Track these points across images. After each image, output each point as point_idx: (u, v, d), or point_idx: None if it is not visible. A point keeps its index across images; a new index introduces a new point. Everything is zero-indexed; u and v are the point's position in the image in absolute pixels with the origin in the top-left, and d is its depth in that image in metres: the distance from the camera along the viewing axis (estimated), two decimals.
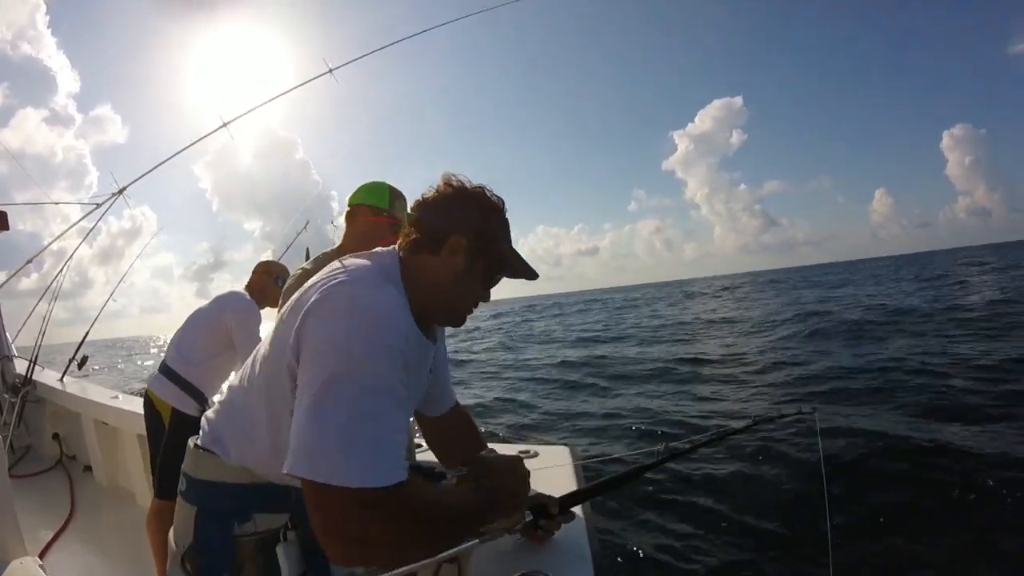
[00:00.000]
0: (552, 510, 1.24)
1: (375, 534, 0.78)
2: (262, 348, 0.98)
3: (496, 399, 8.99)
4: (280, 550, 0.95)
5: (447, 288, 0.99)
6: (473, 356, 15.91)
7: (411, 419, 1.31)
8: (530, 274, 1.06)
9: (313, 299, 0.87)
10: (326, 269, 0.97)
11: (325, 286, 0.89)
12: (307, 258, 1.98)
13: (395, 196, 1.82)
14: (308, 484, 0.77)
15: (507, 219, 1.05)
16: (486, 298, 1.06)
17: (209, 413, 1.06)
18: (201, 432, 1.04)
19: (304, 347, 0.85)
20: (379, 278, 0.93)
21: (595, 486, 1.40)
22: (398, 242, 1.04)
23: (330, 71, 3.37)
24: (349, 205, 1.83)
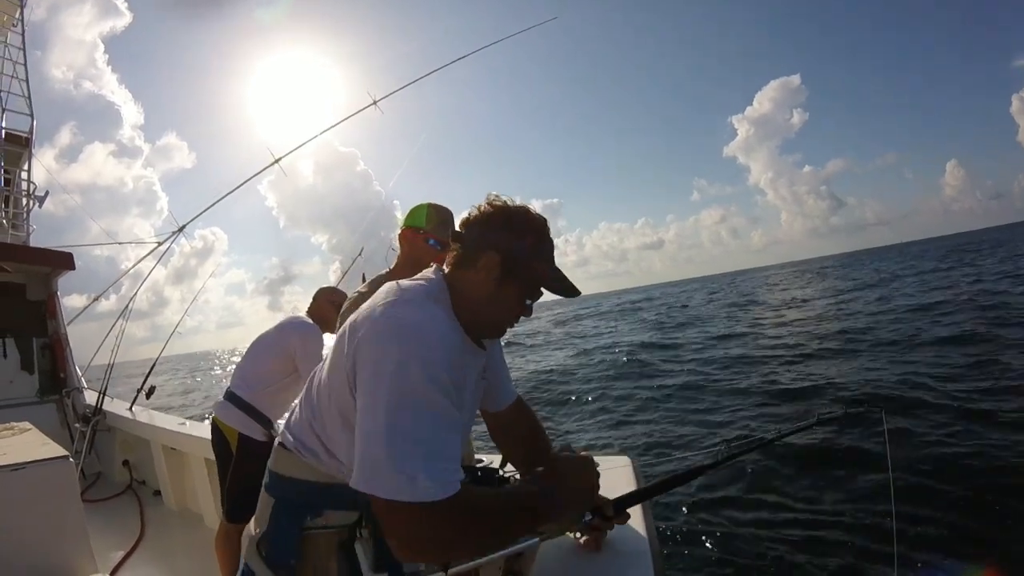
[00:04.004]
0: (607, 512, 1.28)
1: (434, 540, 0.89)
2: (327, 363, 1.06)
3: None
4: (358, 547, 1.03)
5: (483, 302, 1.06)
6: None
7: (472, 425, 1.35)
8: (570, 292, 1.10)
9: (365, 323, 0.96)
10: (379, 292, 1.05)
11: (376, 310, 0.97)
12: (363, 282, 2.05)
13: (437, 215, 1.86)
14: (374, 499, 0.88)
15: (548, 238, 1.10)
16: (527, 313, 1.11)
17: (291, 417, 1.14)
18: (284, 433, 1.13)
19: (359, 370, 0.93)
20: (425, 299, 1.01)
21: (650, 487, 1.41)
22: (446, 260, 1.11)
23: (374, 103, 3.53)
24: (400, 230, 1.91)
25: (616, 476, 1.74)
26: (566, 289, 1.11)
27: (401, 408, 0.87)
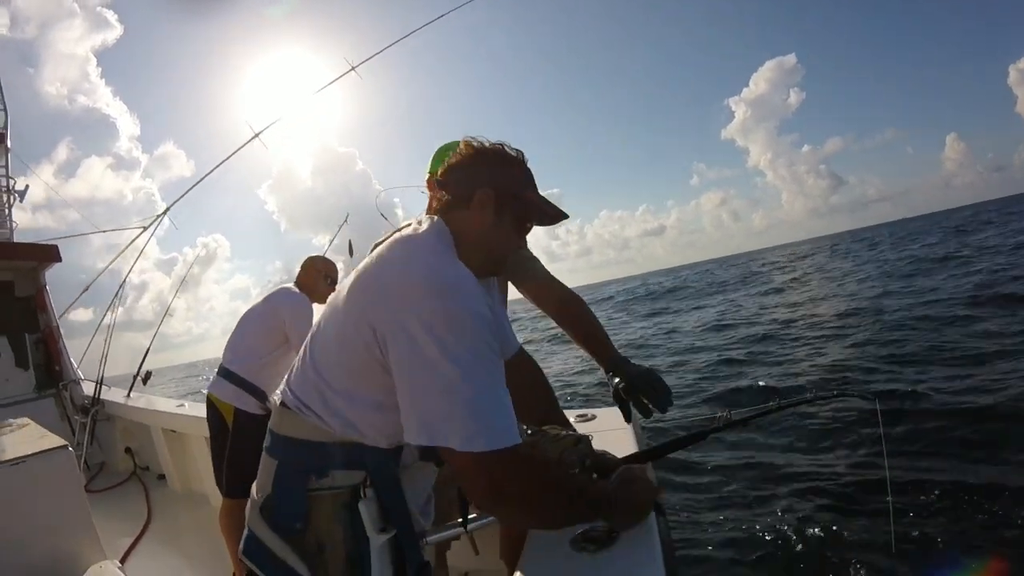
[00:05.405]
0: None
1: (510, 487, 0.89)
2: (334, 321, 1.02)
3: None
4: (362, 507, 0.99)
5: (483, 239, 1.07)
6: None
7: None
8: (560, 215, 1.13)
9: (387, 280, 0.94)
10: (388, 247, 1.01)
11: (399, 264, 0.96)
12: (350, 253, 1.94)
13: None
14: (447, 452, 0.88)
15: (529, 169, 1.13)
16: (522, 245, 1.15)
17: (292, 375, 1.09)
18: (285, 392, 1.09)
19: (398, 330, 0.89)
20: (440, 247, 1.01)
21: (658, 448, 1.42)
22: (432, 206, 1.12)
23: (352, 68, 3.43)
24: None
25: (618, 434, 1.72)
26: (556, 214, 1.13)
27: (467, 360, 0.87)
